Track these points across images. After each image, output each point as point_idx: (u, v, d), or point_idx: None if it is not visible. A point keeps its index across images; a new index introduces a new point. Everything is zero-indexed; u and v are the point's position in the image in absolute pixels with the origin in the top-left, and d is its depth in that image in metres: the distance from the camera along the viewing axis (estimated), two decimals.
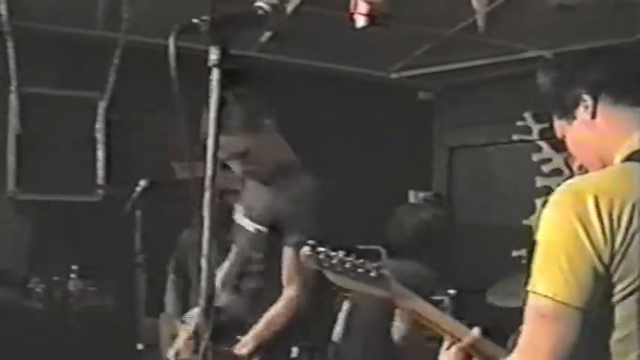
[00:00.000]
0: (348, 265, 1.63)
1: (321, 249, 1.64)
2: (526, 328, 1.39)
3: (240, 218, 2.75)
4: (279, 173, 2.64)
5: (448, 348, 1.71)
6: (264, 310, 2.54)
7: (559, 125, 1.64)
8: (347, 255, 1.65)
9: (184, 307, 4.42)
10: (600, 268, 1.34)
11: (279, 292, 2.55)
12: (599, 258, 1.34)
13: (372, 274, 1.63)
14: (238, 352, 2.46)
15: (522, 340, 1.40)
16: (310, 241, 1.69)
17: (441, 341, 1.74)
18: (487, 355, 1.68)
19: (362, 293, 1.68)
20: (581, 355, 1.35)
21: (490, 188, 5.69)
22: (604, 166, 1.54)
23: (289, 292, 2.54)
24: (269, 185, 2.67)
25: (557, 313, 1.34)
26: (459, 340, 1.68)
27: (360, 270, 1.63)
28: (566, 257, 1.35)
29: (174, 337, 4.24)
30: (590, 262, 1.34)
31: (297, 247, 2.39)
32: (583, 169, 1.62)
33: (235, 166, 2.63)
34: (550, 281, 1.36)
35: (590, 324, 1.35)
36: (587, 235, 1.34)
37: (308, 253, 1.64)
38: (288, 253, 2.53)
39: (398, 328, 2.99)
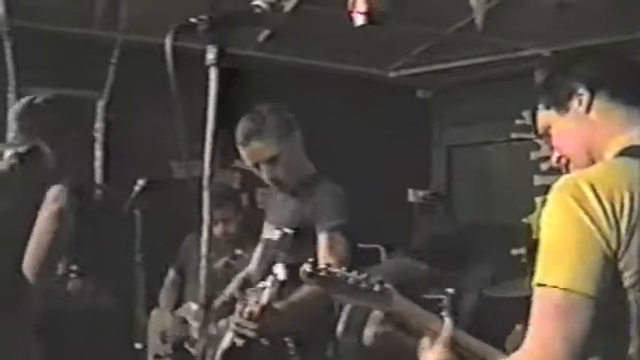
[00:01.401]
0: (350, 282, 1.62)
1: (322, 266, 1.63)
2: (536, 323, 1.36)
3: (268, 233, 2.86)
4: (305, 185, 2.79)
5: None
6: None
7: (545, 115, 1.64)
8: (349, 271, 1.64)
9: (178, 304, 4.46)
10: (609, 253, 1.33)
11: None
12: (607, 243, 1.33)
13: (376, 288, 1.62)
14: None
15: (532, 335, 1.36)
16: (310, 259, 1.68)
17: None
18: None
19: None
20: (596, 345, 1.34)
21: (489, 187, 5.69)
22: (591, 161, 1.54)
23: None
24: (295, 197, 2.80)
25: (570, 302, 1.32)
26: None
27: (362, 285, 1.62)
28: (574, 246, 1.34)
29: (163, 334, 4.28)
30: (599, 248, 1.33)
31: (331, 232, 2.60)
32: (562, 162, 1.62)
33: (264, 173, 2.77)
34: (560, 272, 1.34)
35: (602, 313, 1.33)
36: (592, 220, 1.33)
37: (309, 271, 1.62)
38: (322, 239, 2.62)
39: (367, 334, 2.97)
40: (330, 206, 2.68)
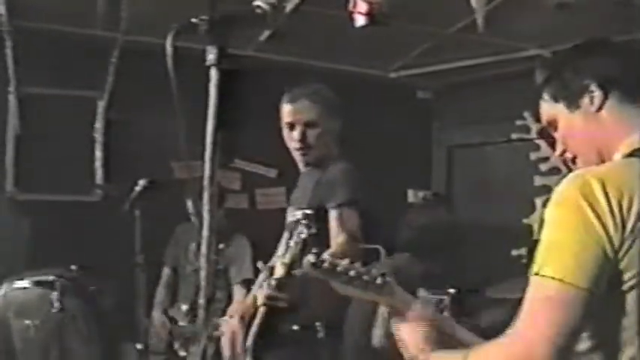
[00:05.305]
0: (352, 274, 1.61)
1: (325, 257, 1.62)
2: (527, 309, 1.36)
3: (291, 215, 2.81)
4: (325, 162, 2.86)
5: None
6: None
7: (551, 107, 1.61)
8: (351, 263, 1.64)
9: (172, 298, 4.47)
10: (610, 252, 1.33)
11: None
12: (610, 241, 1.33)
13: (378, 281, 1.62)
14: None
15: (521, 320, 1.36)
16: (314, 250, 1.67)
17: None
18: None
19: (367, 301, 1.67)
20: (582, 341, 1.35)
21: (489, 187, 5.68)
22: (601, 160, 1.53)
23: (337, 240, 2.60)
24: (315, 175, 2.86)
25: (564, 293, 1.32)
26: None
27: (365, 277, 1.62)
28: (576, 241, 1.34)
29: (164, 327, 4.29)
30: (600, 244, 1.33)
31: (340, 208, 2.65)
32: (567, 157, 1.61)
33: (296, 133, 2.85)
34: (559, 264, 1.34)
35: (595, 309, 1.33)
36: (597, 217, 1.33)
37: (312, 261, 1.61)
38: (332, 215, 2.65)
39: (376, 335, 2.98)
40: (340, 182, 2.74)
